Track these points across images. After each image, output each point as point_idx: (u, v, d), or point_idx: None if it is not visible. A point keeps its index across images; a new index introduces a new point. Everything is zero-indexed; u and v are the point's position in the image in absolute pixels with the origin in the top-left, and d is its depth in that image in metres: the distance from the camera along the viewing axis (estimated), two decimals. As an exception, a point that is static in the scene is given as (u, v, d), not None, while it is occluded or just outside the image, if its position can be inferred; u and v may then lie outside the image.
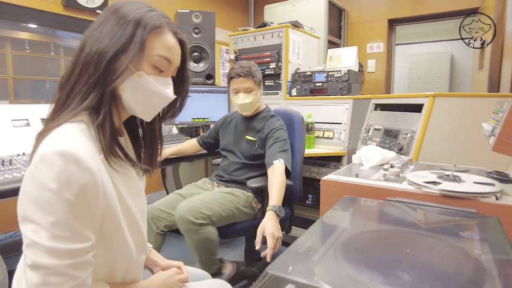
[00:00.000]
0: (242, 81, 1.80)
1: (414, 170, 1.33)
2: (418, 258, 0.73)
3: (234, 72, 1.81)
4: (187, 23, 2.97)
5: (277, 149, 1.71)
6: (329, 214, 0.96)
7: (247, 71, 1.79)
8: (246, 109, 1.87)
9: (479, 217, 0.91)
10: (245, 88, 1.81)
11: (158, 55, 0.71)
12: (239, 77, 1.79)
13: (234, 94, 1.85)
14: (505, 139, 0.92)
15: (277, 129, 1.80)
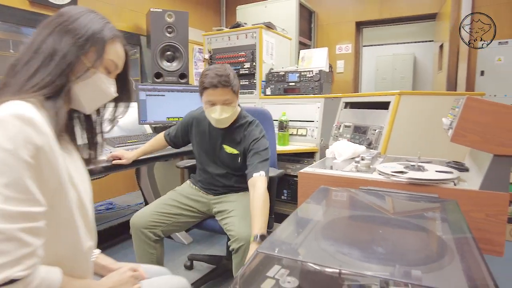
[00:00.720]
0: (219, 93, 1.51)
1: (383, 162, 1.44)
2: (390, 237, 0.82)
3: (209, 82, 1.49)
4: (160, 22, 2.96)
5: (258, 159, 1.55)
6: (308, 202, 1.03)
7: (225, 80, 1.50)
8: (224, 124, 1.62)
9: (440, 201, 1.01)
10: (223, 100, 1.53)
11: (110, 59, 0.84)
12: (215, 88, 1.49)
13: (208, 106, 1.56)
14: (460, 131, 1.03)
15: (258, 140, 1.62)
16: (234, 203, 1.66)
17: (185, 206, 1.73)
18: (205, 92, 1.53)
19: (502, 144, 0.98)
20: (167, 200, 1.74)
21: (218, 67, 1.54)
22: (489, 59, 3.48)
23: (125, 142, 2.35)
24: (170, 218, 1.66)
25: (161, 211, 1.66)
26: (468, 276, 0.63)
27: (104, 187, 3.47)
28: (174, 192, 1.83)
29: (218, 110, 1.54)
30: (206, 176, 1.80)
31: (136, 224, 1.62)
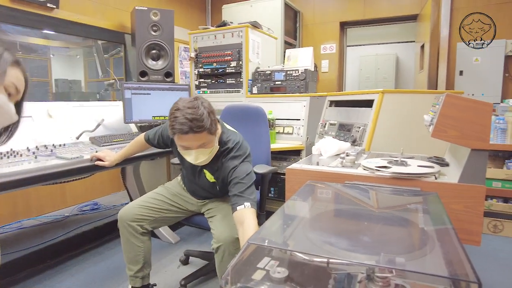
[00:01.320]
0: (192, 138, 1.33)
1: (367, 158, 1.48)
2: (375, 228, 0.85)
3: (178, 129, 1.28)
4: (145, 21, 2.94)
5: (240, 189, 1.38)
6: (295, 197, 1.05)
7: (198, 126, 1.28)
8: (201, 164, 1.48)
9: (422, 194, 1.06)
10: (198, 145, 1.36)
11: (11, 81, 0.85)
12: (187, 135, 1.30)
13: (182, 149, 1.40)
14: (441, 126, 1.07)
15: (236, 167, 1.45)
16: (220, 205, 1.68)
17: (173, 203, 1.75)
18: (176, 137, 1.35)
19: (479, 138, 1.03)
20: (156, 195, 1.74)
21: (188, 107, 1.31)
22: (467, 60, 3.60)
23: (111, 141, 2.33)
24: (158, 213, 1.68)
25: (149, 206, 1.67)
26: (448, 262, 0.67)
27: (89, 187, 3.42)
28: (163, 188, 1.82)
29: (193, 154, 1.39)
30: (192, 186, 1.75)
31: (123, 217, 1.62)
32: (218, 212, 1.61)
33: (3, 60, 0.83)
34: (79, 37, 4.15)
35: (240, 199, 1.34)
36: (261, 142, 1.95)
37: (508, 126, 2.75)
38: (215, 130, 1.39)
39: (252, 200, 1.35)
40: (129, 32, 3.70)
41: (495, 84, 3.53)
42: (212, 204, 1.70)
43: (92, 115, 2.57)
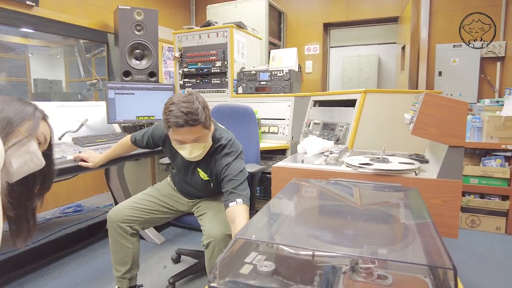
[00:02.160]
0: (187, 132, 1.33)
1: (350, 155, 1.52)
2: (358, 223, 0.88)
3: (173, 122, 1.29)
4: (129, 20, 2.91)
5: (232, 185, 1.39)
6: (281, 193, 1.07)
7: (193, 119, 1.29)
8: (196, 158, 1.47)
9: (403, 189, 1.09)
10: (192, 139, 1.37)
11: (41, 132, 0.99)
12: (182, 128, 1.31)
13: (176, 143, 1.40)
14: (420, 124, 1.11)
15: (230, 164, 1.45)
16: (210, 203, 1.69)
17: (163, 204, 1.74)
18: (171, 130, 1.35)
19: (456, 136, 1.08)
20: (146, 195, 1.74)
21: (183, 101, 1.31)
22: (446, 61, 3.73)
23: (94, 142, 2.30)
24: (148, 213, 1.67)
25: (139, 207, 1.66)
26: (427, 253, 0.70)
27: (72, 189, 3.35)
28: (153, 188, 1.81)
29: (187, 148, 1.39)
30: (183, 185, 1.76)
31: (113, 218, 1.61)
32: (209, 210, 1.62)
33: (36, 118, 0.97)
34: (60, 36, 4.07)
35: (232, 195, 1.35)
36: (250, 142, 1.96)
37: (483, 125, 2.86)
38: (209, 124, 1.40)
39: (245, 196, 1.36)
40: (112, 32, 3.65)
41: (471, 85, 3.66)
42: (203, 204, 1.71)
43: (75, 115, 2.53)
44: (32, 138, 0.94)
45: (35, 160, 0.95)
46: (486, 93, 3.68)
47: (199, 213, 1.67)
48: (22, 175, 0.95)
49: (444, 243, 0.72)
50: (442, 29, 3.82)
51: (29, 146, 0.93)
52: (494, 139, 2.81)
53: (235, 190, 1.37)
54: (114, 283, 1.71)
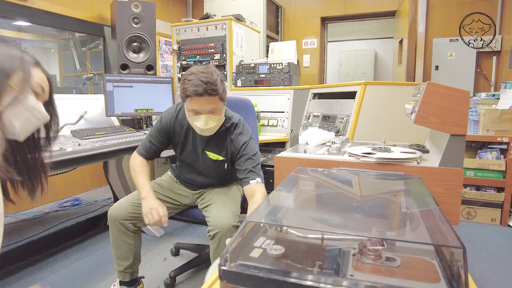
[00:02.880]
0: (205, 102, 1.34)
1: (352, 146, 1.53)
2: (365, 208, 0.89)
3: (193, 90, 1.31)
4: (126, 13, 2.89)
5: (251, 164, 1.43)
6: (287, 180, 1.08)
7: (212, 89, 1.32)
8: (209, 132, 1.45)
9: (406, 177, 1.11)
10: (209, 110, 1.37)
11: (37, 82, 0.88)
12: (201, 97, 1.33)
13: (192, 114, 1.40)
14: (423, 113, 1.13)
15: (247, 143, 1.48)
16: (216, 194, 1.67)
17: (166, 198, 1.70)
18: (188, 100, 1.36)
19: (457, 124, 1.10)
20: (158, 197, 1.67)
21: (202, 71, 1.34)
22: (443, 55, 3.75)
23: (93, 134, 2.29)
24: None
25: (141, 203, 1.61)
26: (434, 234, 0.71)
27: (70, 183, 3.34)
28: (154, 183, 1.76)
29: (203, 119, 1.38)
30: (189, 175, 1.73)
31: (114, 215, 1.57)
32: (214, 201, 1.60)
33: (25, 62, 0.84)
34: (54, 30, 4.03)
35: (252, 174, 1.41)
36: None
37: (480, 118, 2.89)
38: (225, 98, 1.43)
39: (262, 177, 1.42)
40: (108, 25, 3.61)
41: (467, 79, 3.69)
42: (208, 195, 1.69)
43: (73, 108, 2.51)
44: (27, 91, 0.84)
45: (37, 115, 0.86)
46: (482, 87, 3.72)
47: (204, 205, 1.65)
48: (30, 132, 0.88)
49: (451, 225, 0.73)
50: (439, 23, 3.84)
51: (26, 102, 0.83)
52: (490, 132, 2.84)
53: (254, 169, 1.42)
54: (113, 277, 1.71)
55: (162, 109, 2.86)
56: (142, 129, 2.88)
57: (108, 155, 2.04)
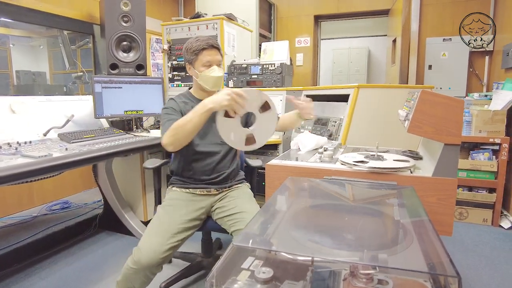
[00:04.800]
0: (215, 53, 1.62)
1: (344, 152, 1.50)
2: (355, 224, 0.86)
3: (205, 43, 1.58)
4: (115, 11, 2.82)
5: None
6: (277, 193, 1.05)
7: (216, 43, 1.63)
8: (219, 84, 1.66)
9: (399, 188, 1.08)
10: (218, 61, 1.63)
11: None
12: (212, 49, 1.60)
13: (206, 67, 1.60)
14: (416, 122, 1.10)
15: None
16: (236, 200, 1.64)
17: (191, 223, 1.56)
18: (203, 53, 1.59)
19: (451, 134, 1.07)
20: (172, 226, 1.49)
21: (203, 36, 1.65)
22: (436, 54, 3.74)
23: (81, 138, 2.23)
24: (180, 242, 1.49)
25: (173, 242, 1.44)
26: (427, 256, 0.69)
27: (58, 185, 3.28)
28: (170, 209, 1.58)
29: (216, 69, 1.61)
30: (204, 165, 1.66)
31: (147, 263, 1.35)
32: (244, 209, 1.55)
33: None
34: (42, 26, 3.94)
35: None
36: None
37: (472, 119, 2.89)
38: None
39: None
40: (98, 23, 3.53)
41: (460, 79, 3.69)
42: (228, 202, 1.64)
43: (61, 110, 2.45)
44: None
45: None
46: (475, 87, 3.72)
47: (225, 214, 1.59)
48: None
49: (445, 245, 0.71)
50: (432, 22, 3.82)
51: None
52: (483, 132, 2.85)
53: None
54: (104, 283, 1.66)
55: (152, 110, 2.82)
56: (132, 131, 2.82)
57: (95, 160, 2.00)
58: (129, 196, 2.80)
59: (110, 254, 2.35)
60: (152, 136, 2.57)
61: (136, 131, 2.80)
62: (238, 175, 1.84)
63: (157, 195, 1.90)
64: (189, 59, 1.63)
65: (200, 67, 1.61)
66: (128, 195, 2.80)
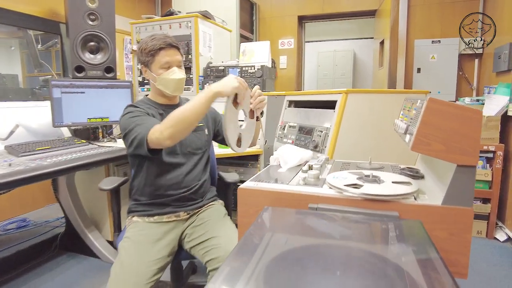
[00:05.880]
0: (174, 53, 1.44)
1: (333, 169, 1.28)
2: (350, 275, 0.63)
3: (163, 41, 1.40)
4: (80, 8, 2.54)
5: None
6: (251, 231, 0.82)
7: (175, 42, 1.45)
8: (181, 88, 1.49)
9: (402, 222, 0.86)
10: (178, 61, 1.46)
11: None
12: (171, 48, 1.42)
13: (164, 69, 1.42)
14: (422, 138, 0.88)
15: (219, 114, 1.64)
16: (208, 222, 1.45)
17: (161, 262, 1.33)
18: (161, 53, 1.41)
19: (466, 153, 0.86)
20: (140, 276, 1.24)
21: (158, 33, 1.48)
22: (424, 57, 3.59)
23: (33, 150, 1.95)
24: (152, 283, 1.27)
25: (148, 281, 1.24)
26: None
27: (16, 201, 2.94)
28: (134, 252, 1.31)
29: (177, 71, 1.44)
30: (171, 178, 1.45)
31: None
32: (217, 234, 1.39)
33: None
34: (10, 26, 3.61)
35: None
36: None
37: (466, 125, 2.72)
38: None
39: None
40: (63, 21, 3.24)
41: (450, 82, 3.55)
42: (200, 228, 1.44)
43: (12, 118, 2.16)
44: None
45: None
46: (464, 91, 3.59)
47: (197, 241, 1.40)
48: None
49: None
50: (420, 23, 3.67)
51: None
52: (476, 139, 2.68)
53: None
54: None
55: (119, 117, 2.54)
56: (98, 140, 2.54)
57: (46, 176, 1.71)
58: (94, 213, 2.51)
59: (72, 280, 2.07)
60: (119, 146, 2.31)
61: (102, 140, 2.52)
62: (209, 191, 1.60)
63: (116, 220, 1.62)
64: (144, 61, 1.44)
65: (158, 69, 1.42)
66: (93, 212, 2.50)
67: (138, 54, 1.47)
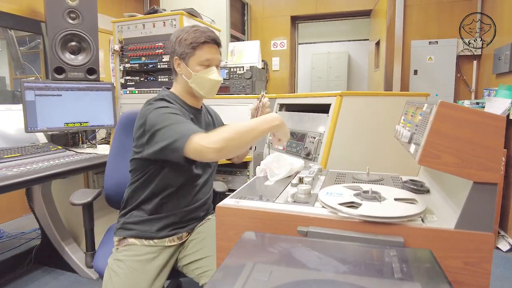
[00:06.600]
0: (217, 51, 1.28)
1: (326, 182, 1.13)
2: None
3: (207, 35, 1.22)
4: (60, 6, 2.39)
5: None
6: (227, 261, 0.67)
7: (220, 39, 1.30)
8: (215, 91, 1.32)
9: (409, 252, 0.72)
10: (218, 61, 1.30)
11: None
12: (215, 45, 1.26)
13: (203, 67, 1.24)
14: (431, 149, 0.74)
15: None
16: (204, 239, 1.32)
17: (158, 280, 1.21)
18: (204, 48, 1.24)
19: (485, 167, 0.72)
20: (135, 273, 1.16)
21: (201, 25, 1.37)
22: (422, 58, 3.47)
23: (1, 158, 1.78)
24: None
25: None
26: None
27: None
28: (132, 274, 1.18)
29: (215, 71, 1.27)
30: (185, 192, 1.28)
31: None
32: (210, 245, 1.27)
33: None
34: None
35: None
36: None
37: (466, 129, 2.60)
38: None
39: None
40: (43, 20, 3.08)
41: (448, 84, 3.43)
42: (196, 246, 1.30)
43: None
44: None
45: None
46: (463, 94, 3.47)
47: (192, 253, 1.29)
48: None
49: None
50: (417, 24, 3.56)
51: None
52: (477, 144, 2.56)
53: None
54: None
55: (100, 121, 2.38)
56: (77, 146, 2.38)
57: (10, 188, 1.54)
58: (72, 225, 2.33)
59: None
60: (99, 153, 2.15)
61: (81, 146, 2.36)
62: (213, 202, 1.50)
63: (89, 238, 1.45)
64: (182, 52, 1.24)
65: (195, 65, 1.24)
66: (71, 224, 2.33)
67: (173, 44, 1.27)
